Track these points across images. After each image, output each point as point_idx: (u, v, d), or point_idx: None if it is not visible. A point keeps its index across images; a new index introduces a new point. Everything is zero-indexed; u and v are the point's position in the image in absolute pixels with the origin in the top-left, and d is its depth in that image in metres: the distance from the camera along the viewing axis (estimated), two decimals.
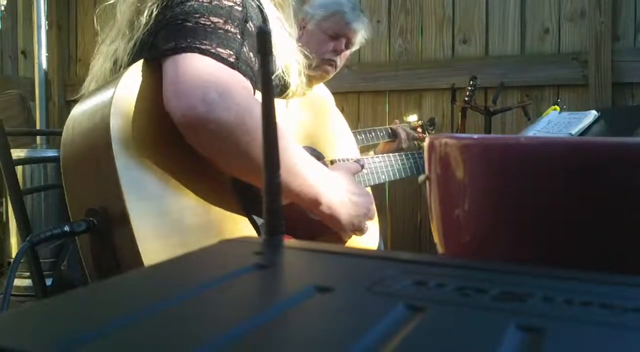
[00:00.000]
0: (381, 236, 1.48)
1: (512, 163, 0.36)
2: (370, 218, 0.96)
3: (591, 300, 0.24)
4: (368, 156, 1.46)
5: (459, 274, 0.29)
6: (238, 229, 0.85)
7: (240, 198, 0.86)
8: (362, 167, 1.05)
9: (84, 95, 0.89)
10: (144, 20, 0.84)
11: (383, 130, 1.99)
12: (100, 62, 0.94)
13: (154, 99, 0.78)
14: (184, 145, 0.78)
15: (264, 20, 0.88)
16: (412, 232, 2.59)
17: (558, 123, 1.60)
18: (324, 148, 1.13)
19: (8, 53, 3.31)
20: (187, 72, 0.74)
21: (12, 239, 2.38)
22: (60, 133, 0.84)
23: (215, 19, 0.80)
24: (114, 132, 0.74)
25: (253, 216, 0.87)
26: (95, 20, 0.98)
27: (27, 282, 1.87)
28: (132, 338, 0.20)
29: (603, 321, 0.22)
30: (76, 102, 0.86)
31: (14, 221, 1.98)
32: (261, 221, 0.88)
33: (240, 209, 0.86)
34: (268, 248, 0.33)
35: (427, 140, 0.42)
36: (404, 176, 1.48)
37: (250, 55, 0.83)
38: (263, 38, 0.33)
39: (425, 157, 0.42)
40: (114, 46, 0.91)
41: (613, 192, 0.33)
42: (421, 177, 0.43)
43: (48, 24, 2.94)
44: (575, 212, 0.34)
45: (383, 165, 1.41)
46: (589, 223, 0.34)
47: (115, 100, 0.75)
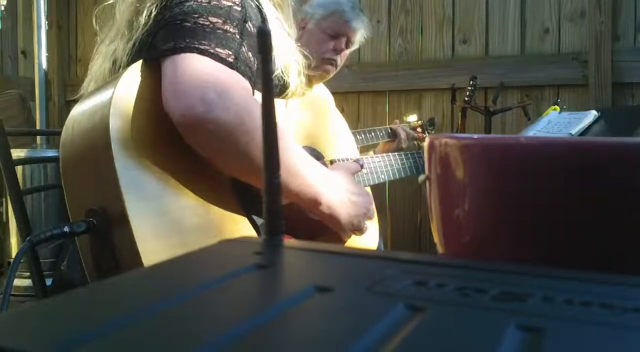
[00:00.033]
0: (381, 236, 1.48)
1: (512, 163, 0.36)
2: (370, 218, 0.96)
3: (591, 300, 0.24)
4: (367, 156, 1.46)
5: (459, 274, 0.29)
6: (238, 229, 0.85)
7: (240, 198, 0.86)
8: (362, 167, 1.05)
9: (83, 95, 0.89)
10: (143, 21, 0.84)
11: (383, 130, 1.99)
12: (99, 63, 0.94)
13: (153, 99, 0.78)
14: (183, 146, 0.78)
15: (263, 20, 0.88)
16: (412, 232, 2.59)
17: (558, 123, 1.60)
18: (324, 148, 1.13)
19: (8, 53, 3.31)
20: (186, 72, 0.74)
21: (12, 239, 2.38)
22: (60, 133, 0.84)
23: (214, 19, 0.80)
24: (114, 133, 0.74)
25: (252, 215, 0.88)
26: (94, 20, 0.98)
27: (27, 282, 1.87)
28: (132, 338, 0.20)
29: (603, 321, 0.22)
30: (76, 102, 0.86)
31: (14, 221, 1.99)
32: (261, 221, 0.88)
33: (240, 208, 0.86)
34: (268, 248, 0.33)
35: (427, 140, 0.42)
36: (403, 175, 1.48)
37: (249, 55, 0.83)
38: (263, 38, 0.33)
39: (425, 157, 0.42)
40: (113, 46, 0.91)
41: (613, 192, 0.33)
42: (421, 177, 0.43)
43: (48, 24, 2.94)
44: (575, 212, 0.34)
45: (383, 165, 1.41)
46: (589, 223, 0.34)
47: (114, 101, 0.75)
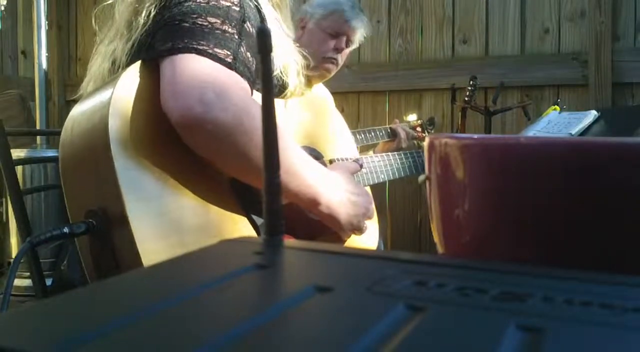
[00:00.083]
0: (381, 236, 1.48)
1: (512, 163, 0.36)
2: (369, 217, 0.96)
3: (591, 300, 0.24)
4: (367, 156, 1.46)
5: (459, 274, 0.29)
6: (237, 229, 0.84)
7: (239, 198, 0.86)
8: (361, 166, 1.05)
9: (83, 95, 0.89)
10: (142, 21, 0.84)
11: (382, 130, 1.99)
12: (98, 62, 0.94)
13: (152, 100, 0.78)
14: (182, 146, 0.77)
15: (262, 20, 0.88)
16: (412, 232, 2.59)
17: (558, 123, 1.60)
18: (323, 148, 1.13)
19: (8, 53, 3.31)
20: (185, 72, 0.74)
21: (12, 239, 2.38)
22: (60, 133, 0.84)
23: (213, 20, 0.80)
24: (113, 133, 0.74)
25: (252, 215, 0.87)
26: (93, 20, 0.98)
27: (27, 282, 1.87)
28: (132, 338, 0.20)
29: (603, 321, 0.22)
30: (76, 102, 0.86)
31: (14, 221, 1.98)
32: (260, 221, 0.88)
33: (239, 208, 0.86)
34: (268, 248, 0.33)
35: (427, 140, 0.42)
36: (402, 175, 1.48)
37: (247, 55, 0.83)
38: (263, 38, 0.33)
39: (425, 157, 0.42)
40: (112, 46, 0.91)
41: (613, 192, 0.33)
42: (421, 177, 0.43)
43: (48, 24, 2.94)
44: (575, 212, 0.34)
45: (382, 165, 1.41)
46: (589, 223, 0.34)
47: (113, 101, 0.75)
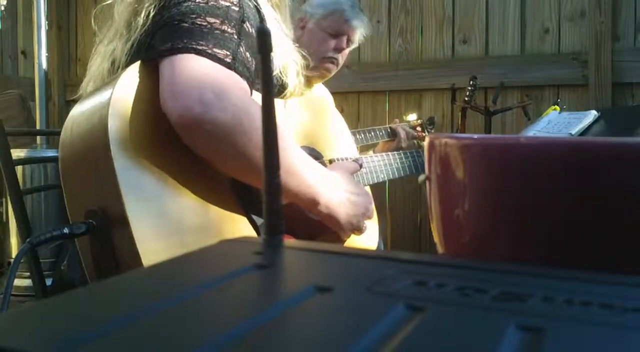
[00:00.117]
0: (381, 236, 1.48)
1: (512, 163, 0.35)
2: (369, 217, 0.96)
3: (591, 300, 0.24)
4: (367, 155, 1.46)
5: (459, 274, 0.29)
6: (237, 229, 0.84)
7: (239, 198, 0.86)
8: (361, 166, 1.05)
9: (82, 96, 0.89)
10: (141, 21, 0.84)
11: (382, 130, 1.99)
12: (98, 62, 0.94)
13: (151, 100, 0.78)
14: (182, 146, 0.77)
15: (262, 20, 0.88)
16: (412, 232, 2.59)
17: (558, 123, 1.60)
18: (323, 148, 1.13)
19: (8, 53, 3.31)
20: (184, 72, 0.74)
21: (12, 239, 2.38)
22: (60, 133, 0.84)
23: (212, 20, 0.80)
24: (112, 133, 0.74)
25: (252, 215, 0.87)
26: (93, 20, 0.98)
27: (27, 282, 1.87)
28: (132, 338, 0.20)
29: (603, 321, 0.22)
30: (76, 102, 0.86)
31: (14, 221, 1.98)
32: (260, 221, 0.88)
33: (239, 208, 0.86)
34: (268, 248, 0.33)
35: (427, 140, 0.42)
36: (402, 174, 1.48)
37: (247, 55, 0.83)
38: (263, 38, 0.33)
39: (425, 157, 0.42)
40: (112, 46, 0.91)
41: (613, 192, 0.33)
42: (421, 177, 0.43)
43: (48, 24, 2.94)
44: (575, 212, 0.34)
45: (382, 164, 1.40)
46: (589, 223, 0.33)
47: (113, 102, 0.75)
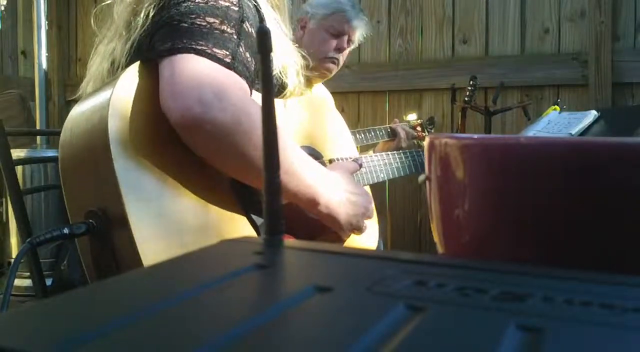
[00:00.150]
0: (381, 236, 1.48)
1: (512, 163, 0.35)
2: (369, 217, 0.96)
3: (591, 300, 0.24)
4: (367, 155, 1.46)
5: (459, 274, 0.29)
6: (237, 229, 0.84)
7: (239, 197, 0.86)
8: (361, 166, 1.05)
9: (82, 96, 0.89)
10: (140, 21, 0.84)
11: (382, 130, 1.99)
12: (97, 63, 0.94)
13: (151, 100, 0.78)
14: (182, 146, 0.77)
15: (261, 20, 0.88)
16: (412, 232, 2.59)
17: (558, 123, 1.60)
18: (322, 147, 1.13)
19: (8, 53, 3.31)
20: (183, 73, 0.74)
21: (12, 239, 2.38)
22: (60, 133, 0.84)
23: (211, 20, 0.80)
24: (112, 134, 0.74)
25: (252, 215, 0.87)
26: (92, 20, 0.98)
27: (27, 282, 1.88)
28: (132, 338, 0.20)
29: (603, 321, 0.22)
30: (76, 102, 0.86)
31: (14, 221, 1.98)
32: (260, 221, 0.88)
33: (239, 208, 0.86)
34: (268, 248, 0.33)
35: (427, 140, 0.41)
36: (402, 174, 1.48)
37: (246, 55, 0.83)
38: (263, 37, 0.33)
39: (425, 157, 0.42)
40: (112, 46, 0.91)
41: (613, 192, 0.33)
42: (421, 177, 0.43)
43: (48, 24, 2.94)
44: (575, 212, 0.34)
45: (382, 164, 1.40)
46: (589, 223, 0.33)
47: (113, 102, 0.75)
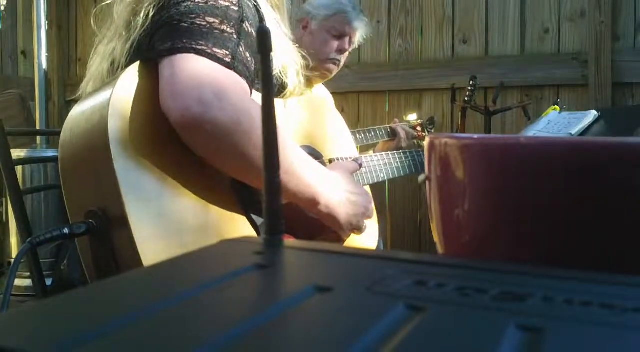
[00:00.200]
0: (381, 236, 1.48)
1: (512, 163, 0.35)
2: (369, 217, 0.96)
3: (591, 300, 0.24)
4: (367, 155, 1.46)
5: (459, 274, 0.29)
6: (237, 229, 0.84)
7: (239, 197, 0.86)
8: (360, 166, 1.05)
9: (82, 96, 0.89)
10: (140, 21, 0.84)
11: (382, 130, 1.99)
12: (97, 62, 0.94)
13: (151, 100, 0.78)
14: (182, 146, 0.77)
15: (261, 20, 0.88)
16: (412, 232, 2.59)
17: (558, 123, 1.60)
18: (322, 147, 1.13)
19: (8, 53, 3.31)
20: (183, 72, 0.74)
21: (12, 239, 2.38)
22: (60, 133, 0.84)
23: (211, 19, 0.80)
24: (112, 134, 0.74)
25: (252, 215, 0.87)
26: (92, 20, 0.98)
27: (27, 282, 1.87)
28: (132, 338, 0.20)
29: (603, 321, 0.22)
30: (76, 102, 0.86)
31: (14, 221, 1.98)
32: (260, 220, 0.88)
33: (239, 208, 0.86)
34: (268, 248, 0.33)
35: (427, 140, 0.41)
36: (402, 174, 1.48)
37: (246, 55, 0.83)
38: (263, 37, 0.33)
39: (425, 157, 0.42)
40: (112, 46, 0.91)
41: (613, 192, 0.33)
42: (421, 177, 0.43)
43: (48, 24, 2.93)
44: (575, 212, 0.34)
45: (382, 164, 1.40)
46: (589, 223, 0.33)
47: (113, 102, 0.75)
